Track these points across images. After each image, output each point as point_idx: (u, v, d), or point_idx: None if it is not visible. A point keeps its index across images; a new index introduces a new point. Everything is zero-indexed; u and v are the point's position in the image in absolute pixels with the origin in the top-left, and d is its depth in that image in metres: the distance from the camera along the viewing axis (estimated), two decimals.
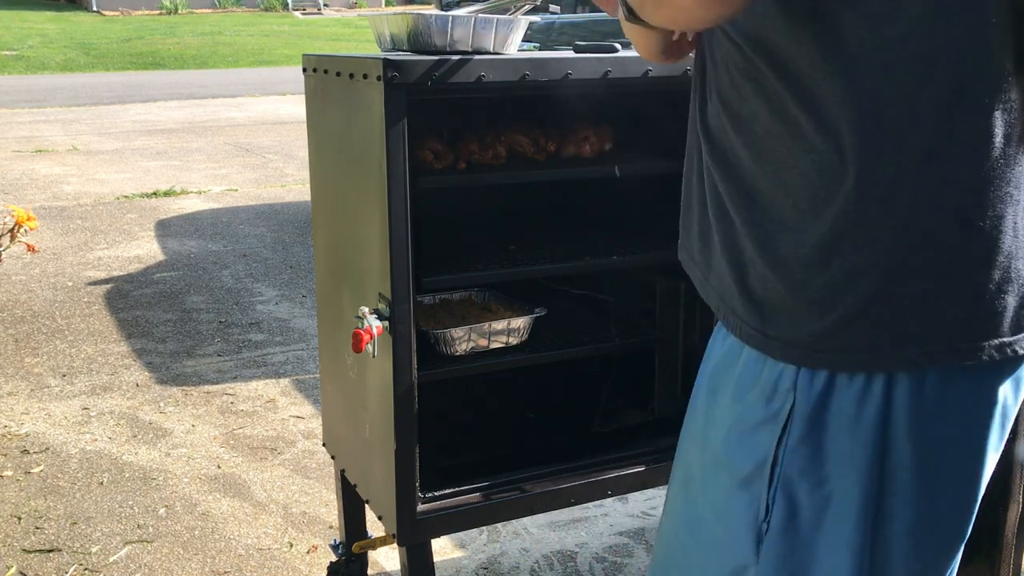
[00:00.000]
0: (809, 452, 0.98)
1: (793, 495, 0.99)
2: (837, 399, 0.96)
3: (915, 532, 0.98)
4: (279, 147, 8.71)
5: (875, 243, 0.92)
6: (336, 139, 1.89)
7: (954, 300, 0.92)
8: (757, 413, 1.01)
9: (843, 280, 0.93)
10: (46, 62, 15.88)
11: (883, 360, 0.93)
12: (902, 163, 0.90)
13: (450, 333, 1.89)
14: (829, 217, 0.92)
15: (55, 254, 5.11)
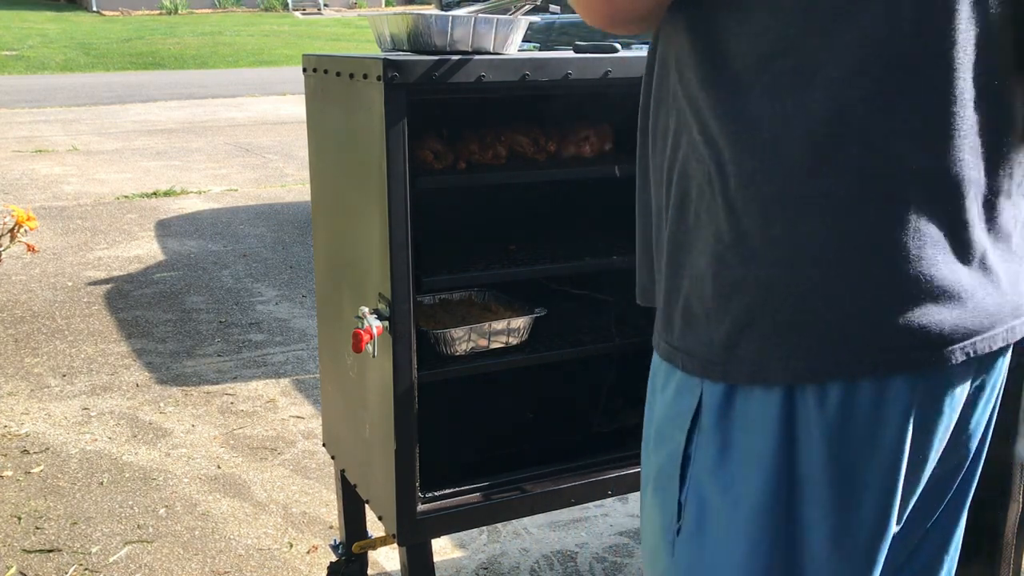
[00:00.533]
0: (716, 451, 0.97)
1: (704, 496, 0.99)
2: (740, 405, 0.96)
3: (837, 541, 0.97)
4: (279, 147, 8.71)
5: (754, 257, 0.91)
6: (336, 139, 1.89)
7: (837, 314, 0.91)
8: (666, 410, 1.03)
9: (729, 292, 0.93)
10: (46, 62, 15.88)
11: (770, 373, 0.93)
12: (779, 179, 0.90)
13: (450, 333, 1.89)
14: (717, 229, 0.94)
15: (55, 254, 5.11)
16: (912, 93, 0.89)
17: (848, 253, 0.90)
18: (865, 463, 0.95)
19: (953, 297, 0.92)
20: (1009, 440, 1.48)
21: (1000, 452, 1.47)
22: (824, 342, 0.91)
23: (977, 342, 0.94)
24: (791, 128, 0.89)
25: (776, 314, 0.92)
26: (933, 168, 0.90)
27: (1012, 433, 1.47)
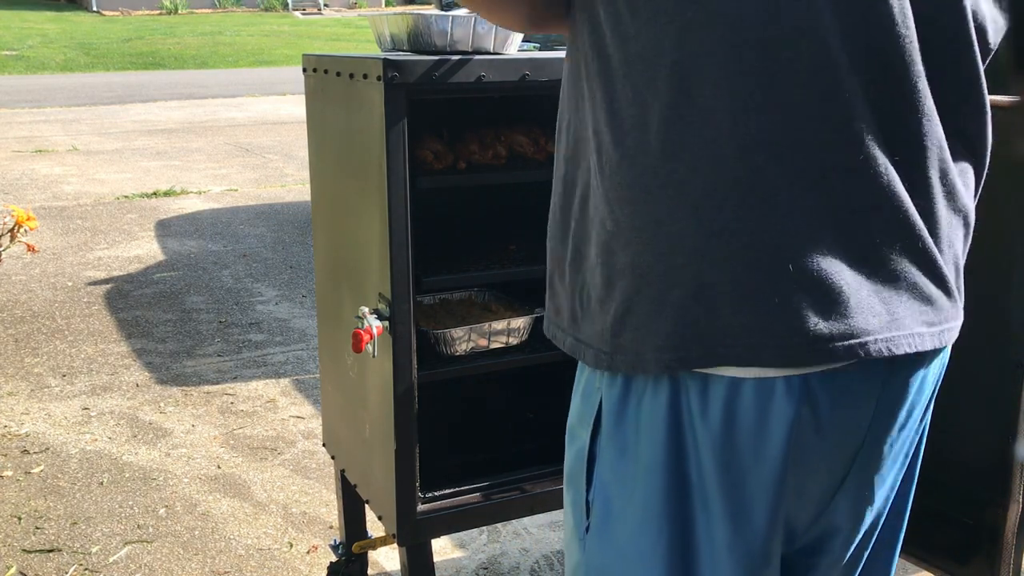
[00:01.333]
0: (615, 453, 0.97)
1: (607, 496, 0.99)
2: (633, 399, 0.95)
3: (732, 550, 0.94)
4: (279, 147, 8.71)
5: (629, 245, 0.91)
6: (336, 139, 1.89)
7: (706, 304, 0.88)
8: (577, 409, 1.05)
9: (613, 279, 0.93)
10: (46, 62, 15.88)
11: (643, 363, 0.92)
12: (642, 169, 0.89)
13: (450, 333, 1.89)
14: (603, 218, 0.94)
15: (55, 254, 5.11)
16: (757, 73, 0.86)
17: (706, 241, 0.87)
18: (751, 472, 0.92)
19: (831, 292, 0.86)
20: (1009, 440, 1.48)
21: (1000, 452, 1.47)
22: (694, 333, 0.89)
23: (869, 343, 0.87)
24: (645, 114, 0.89)
25: (649, 301, 0.91)
26: (784, 144, 0.86)
27: (1012, 433, 1.47)
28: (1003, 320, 1.45)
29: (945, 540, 1.55)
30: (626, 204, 0.91)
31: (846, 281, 0.87)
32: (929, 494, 1.52)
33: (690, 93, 0.87)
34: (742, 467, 0.92)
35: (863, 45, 0.87)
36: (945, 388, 1.51)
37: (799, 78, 0.86)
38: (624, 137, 0.90)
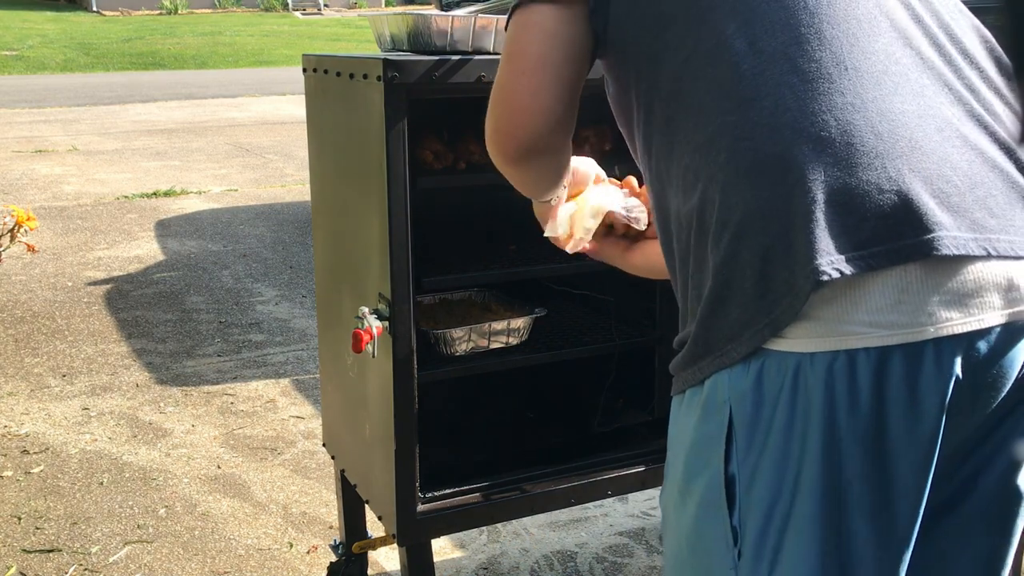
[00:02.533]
0: (754, 462, 0.96)
1: (755, 516, 0.98)
2: (768, 404, 0.94)
3: (880, 538, 0.95)
4: (279, 147, 8.71)
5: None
6: (336, 139, 1.89)
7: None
8: (699, 435, 1.01)
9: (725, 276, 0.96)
10: (46, 62, 15.88)
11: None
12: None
13: (450, 333, 1.89)
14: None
15: (55, 254, 5.11)
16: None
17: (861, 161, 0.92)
18: (902, 457, 0.93)
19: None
20: None
21: None
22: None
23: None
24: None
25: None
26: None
27: None
28: None
29: None
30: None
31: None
32: None
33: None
34: (893, 452, 0.93)
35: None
36: None
37: None
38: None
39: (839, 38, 0.98)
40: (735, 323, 0.95)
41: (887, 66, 0.98)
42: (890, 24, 1.01)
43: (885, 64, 0.98)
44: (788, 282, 0.92)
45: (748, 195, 0.95)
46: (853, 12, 1.00)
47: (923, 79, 0.99)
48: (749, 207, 0.94)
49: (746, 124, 0.96)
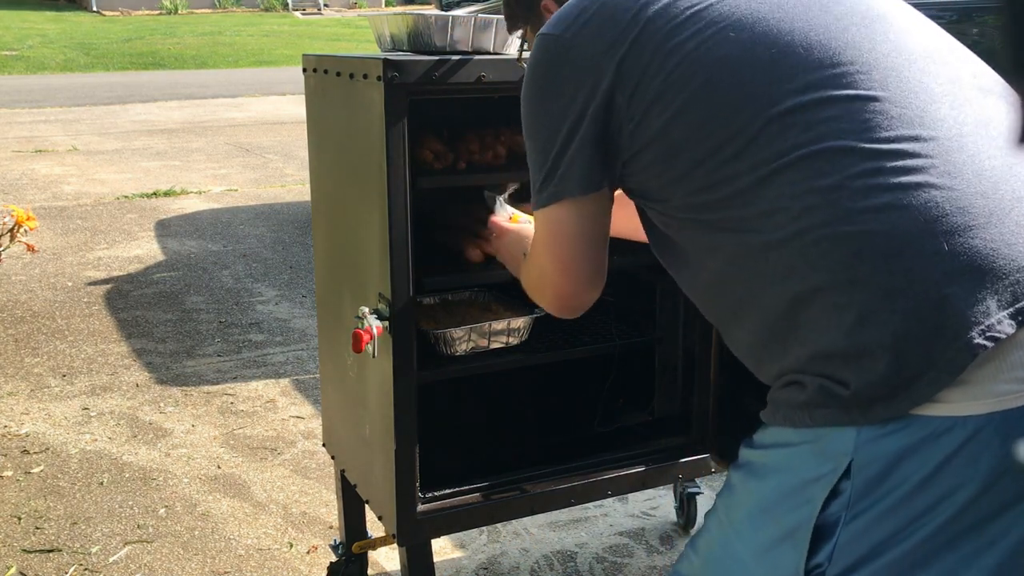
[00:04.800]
0: (871, 514, 0.97)
1: (851, 560, 0.99)
2: (907, 454, 0.95)
3: None
4: (279, 147, 8.71)
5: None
6: (336, 139, 1.89)
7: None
8: (809, 472, 1.01)
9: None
10: (46, 62, 15.88)
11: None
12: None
13: (450, 333, 1.89)
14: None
15: (55, 254, 5.11)
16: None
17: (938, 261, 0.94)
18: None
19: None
20: None
21: None
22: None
23: None
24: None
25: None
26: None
27: None
28: None
29: None
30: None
31: None
32: None
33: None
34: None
35: None
36: None
37: None
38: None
39: (909, 116, 0.99)
40: (877, 384, 0.95)
41: (960, 128, 0.99)
42: (943, 87, 1.03)
43: (957, 127, 0.99)
44: (938, 359, 0.92)
45: (868, 278, 0.94)
46: (910, 84, 1.02)
47: (990, 131, 1.01)
48: (872, 290, 0.94)
49: (840, 210, 0.97)
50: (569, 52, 1.14)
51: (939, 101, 1.01)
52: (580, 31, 1.14)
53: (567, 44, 1.14)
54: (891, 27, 1.07)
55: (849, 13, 1.07)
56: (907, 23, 1.10)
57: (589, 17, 1.14)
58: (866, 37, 1.05)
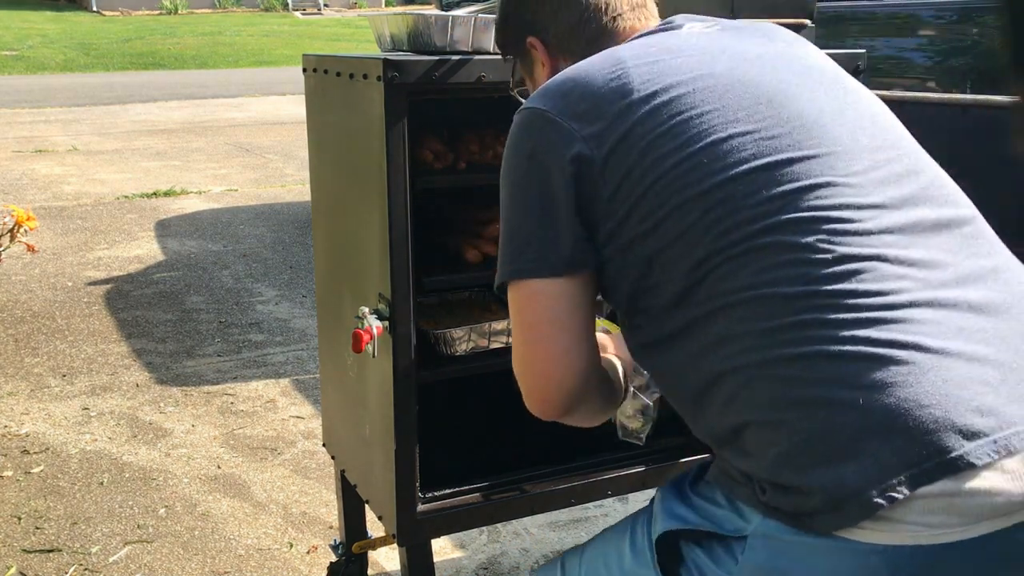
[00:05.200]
0: None
1: None
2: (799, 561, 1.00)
3: None
4: (279, 147, 8.71)
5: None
6: (336, 139, 1.89)
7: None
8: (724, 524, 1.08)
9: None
10: (46, 62, 15.88)
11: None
12: None
13: (450, 333, 1.89)
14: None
15: (55, 254, 5.11)
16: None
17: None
18: None
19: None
20: None
21: None
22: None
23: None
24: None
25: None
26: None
27: None
28: None
29: None
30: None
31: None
32: None
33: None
34: None
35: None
36: None
37: None
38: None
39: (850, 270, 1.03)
40: (785, 509, 1.00)
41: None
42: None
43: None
44: (843, 506, 0.95)
45: (793, 423, 0.99)
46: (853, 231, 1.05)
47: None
48: (794, 435, 0.98)
49: (773, 355, 1.01)
50: (550, 133, 1.13)
51: (875, 245, 1.04)
52: (563, 111, 1.13)
53: (549, 122, 1.14)
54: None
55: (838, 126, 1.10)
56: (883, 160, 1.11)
57: (575, 100, 1.13)
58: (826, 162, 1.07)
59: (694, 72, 1.11)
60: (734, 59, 1.14)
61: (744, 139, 1.06)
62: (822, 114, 1.10)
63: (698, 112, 1.08)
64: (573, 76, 1.16)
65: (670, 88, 1.10)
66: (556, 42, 1.33)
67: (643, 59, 1.14)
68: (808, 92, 1.12)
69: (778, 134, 1.07)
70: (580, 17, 1.30)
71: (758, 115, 1.08)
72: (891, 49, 3.07)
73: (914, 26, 3.03)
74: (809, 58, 1.21)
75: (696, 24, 1.25)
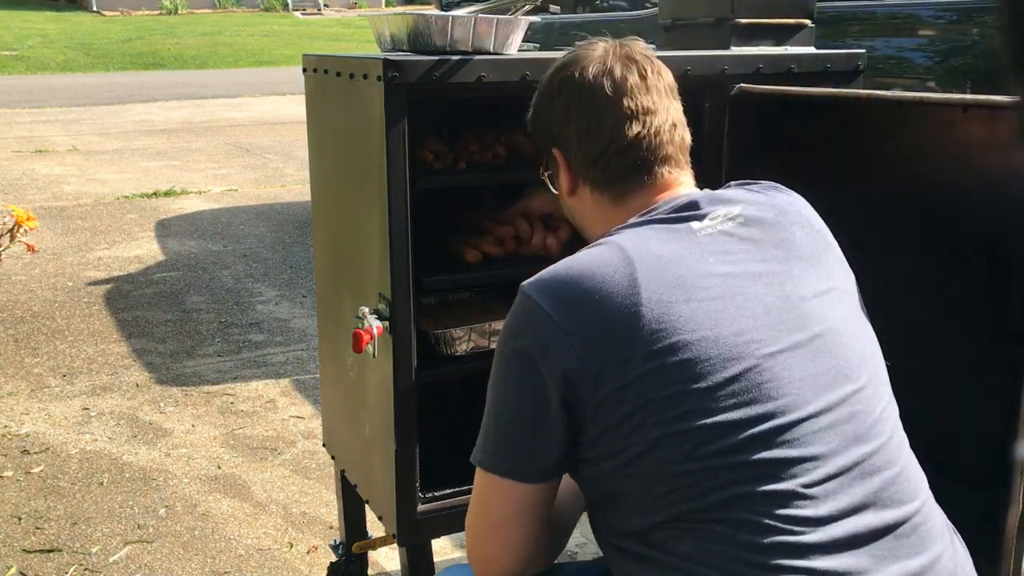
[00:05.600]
0: None
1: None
2: None
3: None
4: (279, 147, 8.71)
5: None
6: (336, 139, 1.89)
7: None
8: None
9: None
10: (46, 62, 15.88)
11: None
12: None
13: (450, 333, 1.89)
14: None
15: (55, 254, 5.11)
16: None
17: None
18: None
19: None
20: (1009, 440, 1.48)
21: (1000, 452, 1.47)
22: None
23: None
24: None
25: None
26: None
27: (1012, 433, 1.47)
28: (1003, 320, 1.45)
29: None
30: None
31: None
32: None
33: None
34: None
35: None
36: (945, 388, 1.51)
37: None
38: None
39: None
40: None
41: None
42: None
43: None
44: None
45: None
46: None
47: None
48: None
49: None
50: (551, 345, 1.13)
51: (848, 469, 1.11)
52: (568, 325, 1.12)
53: (553, 331, 1.13)
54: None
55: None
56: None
57: (584, 318, 1.12)
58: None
59: (701, 332, 1.11)
60: (740, 314, 1.13)
61: (726, 417, 1.08)
62: (803, 386, 1.12)
63: (691, 389, 1.09)
64: (587, 287, 1.14)
65: (677, 349, 1.09)
66: (578, 166, 1.31)
67: (658, 291, 1.12)
68: (798, 358, 1.13)
69: (758, 414, 1.09)
70: (603, 151, 1.27)
71: (743, 395, 1.10)
72: (891, 49, 3.06)
73: (914, 26, 3.03)
74: (809, 283, 1.20)
75: (719, 211, 1.21)
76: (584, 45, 1.33)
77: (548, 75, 1.35)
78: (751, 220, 1.21)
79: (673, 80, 1.32)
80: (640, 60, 1.29)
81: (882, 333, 1.26)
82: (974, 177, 1.46)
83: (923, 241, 1.56)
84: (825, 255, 1.25)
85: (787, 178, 1.78)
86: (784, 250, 1.21)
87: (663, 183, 1.27)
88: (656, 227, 1.20)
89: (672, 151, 1.28)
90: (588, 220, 1.35)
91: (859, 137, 1.65)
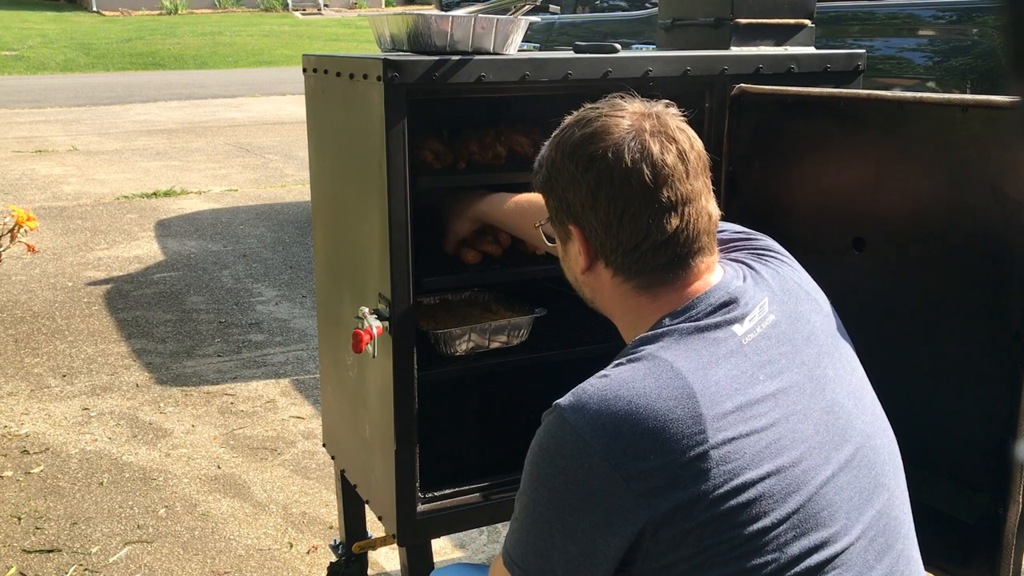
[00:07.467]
0: None
1: None
2: None
3: None
4: (279, 147, 8.71)
5: None
6: (336, 139, 1.89)
7: None
8: None
9: None
10: (46, 62, 15.88)
11: None
12: None
13: (450, 333, 1.89)
14: None
15: (55, 254, 5.11)
16: None
17: None
18: None
19: None
20: (1009, 440, 1.48)
21: (1000, 452, 1.47)
22: None
23: None
24: None
25: None
26: None
27: (1012, 433, 1.47)
28: (1003, 320, 1.45)
29: (945, 540, 1.55)
30: None
31: None
32: (929, 494, 1.51)
33: None
34: None
35: None
36: (945, 388, 1.51)
37: None
38: None
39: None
40: None
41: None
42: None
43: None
44: None
45: None
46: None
47: None
48: None
49: None
50: (609, 494, 1.07)
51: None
52: (625, 466, 1.06)
53: (608, 476, 1.07)
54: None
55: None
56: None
57: (641, 453, 1.06)
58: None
59: (764, 467, 1.08)
60: (796, 438, 1.11)
61: (786, 554, 1.08)
62: (851, 508, 1.13)
63: (756, 529, 1.07)
64: (649, 427, 1.07)
65: (742, 489, 1.06)
66: (603, 251, 1.21)
67: (722, 429, 1.08)
68: (846, 477, 1.14)
69: (814, 544, 1.09)
70: (636, 245, 1.18)
71: (802, 526, 1.09)
72: (891, 49, 3.06)
73: (914, 26, 3.02)
74: (841, 382, 1.20)
75: (755, 313, 1.18)
76: (609, 109, 1.21)
77: (571, 143, 1.22)
78: (781, 317, 1.19)
79: (703, 147, 1.22)
80: (679, 138, 1.18)
81: (882, 334, 1.26)
82: (974, 177, 1.46)
83: (923, 241, 1.56)
84: (836, 334, 1.26)
85: (787, 178, 1.79)
86: (814, 346, 1.20)
87: (695, 274, 1.20)
88: (703, 338, 1.14)
89: (707, 241, 1.20)
90: (605, 300, 1.28)
91: (859, 137, 1.65)
